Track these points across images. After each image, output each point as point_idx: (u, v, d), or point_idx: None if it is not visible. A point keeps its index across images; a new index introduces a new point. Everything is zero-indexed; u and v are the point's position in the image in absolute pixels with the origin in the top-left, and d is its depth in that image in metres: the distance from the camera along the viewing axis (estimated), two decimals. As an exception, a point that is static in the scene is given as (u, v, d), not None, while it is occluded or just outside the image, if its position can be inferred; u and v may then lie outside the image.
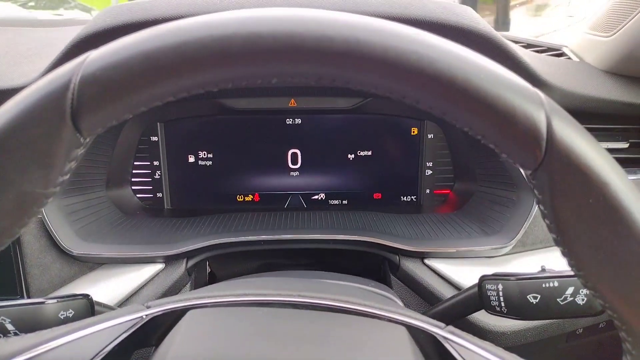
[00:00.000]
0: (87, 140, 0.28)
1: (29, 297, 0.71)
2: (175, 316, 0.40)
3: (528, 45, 0.90)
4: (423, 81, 0.25)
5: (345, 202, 1.00)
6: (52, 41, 0.82)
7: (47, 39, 0.85)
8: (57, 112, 0.26)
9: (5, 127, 0.26)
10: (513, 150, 0.27)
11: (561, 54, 0.91)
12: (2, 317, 0.47)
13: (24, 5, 1.56)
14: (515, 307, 0.53)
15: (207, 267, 0.88)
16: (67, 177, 0.29)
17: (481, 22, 0.66)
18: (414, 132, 0.96)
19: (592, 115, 0.79)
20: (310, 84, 0.27)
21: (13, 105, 0.27)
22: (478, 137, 0.27)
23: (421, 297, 0.78)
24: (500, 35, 0.67)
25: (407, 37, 0.26)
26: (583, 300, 0.51)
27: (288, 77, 0.26)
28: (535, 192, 0.28)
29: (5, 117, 0.27)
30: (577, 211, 0.26)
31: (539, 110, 0.26)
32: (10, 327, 0.48)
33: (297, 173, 0.97)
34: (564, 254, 0.28)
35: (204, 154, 0.95)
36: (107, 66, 0.26)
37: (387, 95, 0.27)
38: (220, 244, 0.79)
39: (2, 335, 0.47)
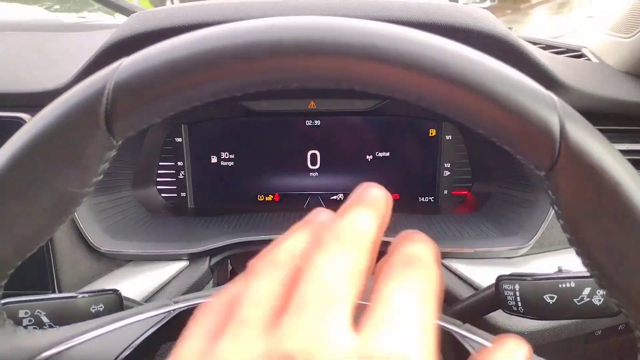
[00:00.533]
0: (119, 142, 0.30)
1: (60, 292, 0.74)
2: None
3: (547, 47, 0.90)
4: (437, 85, 0.26)
5: None
6: (80, 46, 0.85)
7: (74, 43, 0.88)
8: (92, 117, 0.28)
9: (44, 132, 0.28)
10: (526, 153, 0.28)
11: (580, 55, 0.90)
12: (37, 310, 0.50)
13: (49, 8, 1.62)
14: (532, 307, 0.53)
15: (229, 265, 0.90)
16: (100, 177, 0.31)
17: (499, 24, 0.66)
18: (432, 133, 0.96)
19: (611, 117, 0.78)
20: (330, 87, 0.28)
21: (51, 111, 0.29)
22: (492, 139, 0.28)
23: None
24: (518, 38, 0.67)
25: (422, 43, 0.26)
26: (600, 300, 0.51)
27: (309, 82, 0.28)
28: (549, 193, 0.28)
29: (44, 122, 0.28)
30: (590, 212, 0.27)
31: (552, 112, 0.26)
32: (45, 319, 0.50)
33: (316, 174, 0.98)
34: (578, 253, 0.29)
35: (226, 154, 0.97)
36: (139, 73, 0.27)
37: (404, 98, 0.28)
38: (242, 242, 0.81)
39: (38, 327, 0.50)
